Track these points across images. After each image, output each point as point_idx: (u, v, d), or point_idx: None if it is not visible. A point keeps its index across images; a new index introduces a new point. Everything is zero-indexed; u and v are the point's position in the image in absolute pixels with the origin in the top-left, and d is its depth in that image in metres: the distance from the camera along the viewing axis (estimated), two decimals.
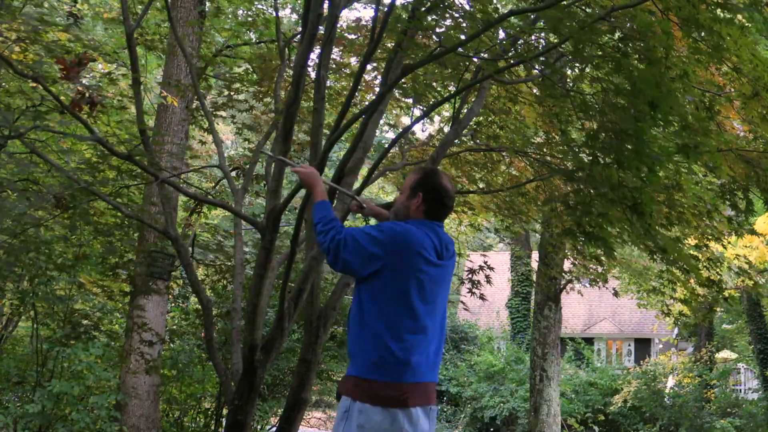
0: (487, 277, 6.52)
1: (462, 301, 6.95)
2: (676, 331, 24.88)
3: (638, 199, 3.42)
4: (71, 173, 5.17)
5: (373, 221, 3.23)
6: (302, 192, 3.99)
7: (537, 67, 4.24)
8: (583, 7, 3.64)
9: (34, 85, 5.06)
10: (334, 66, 6.24)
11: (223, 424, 4.35)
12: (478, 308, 18.42)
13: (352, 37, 6.28)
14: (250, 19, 8.52)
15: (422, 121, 7.02)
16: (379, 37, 3.66)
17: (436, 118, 8.89)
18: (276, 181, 4.41)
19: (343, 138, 6.84)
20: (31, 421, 5.89)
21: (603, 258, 5.88)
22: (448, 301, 2.90)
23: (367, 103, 7.13)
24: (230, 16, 9.82)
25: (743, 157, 5.15)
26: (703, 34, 3.26)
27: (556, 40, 3.61)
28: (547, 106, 5.07)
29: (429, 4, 3.90)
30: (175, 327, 9.06)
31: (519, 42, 4.27)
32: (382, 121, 6.43)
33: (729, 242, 7.31)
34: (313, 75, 5.15)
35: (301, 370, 4.24)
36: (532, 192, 6.46)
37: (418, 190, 2.84)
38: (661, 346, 27.53)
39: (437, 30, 3.99)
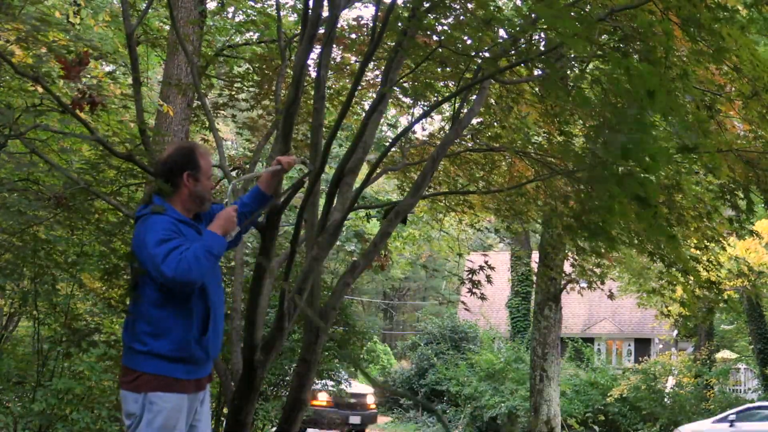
0: (487, 276, 6.52)
1: (462, 302, 6.95)
2: (675, 331, 24.90)
3: (642, 192, 3.40)
4: (71, 173, 5.16)
5: None
6: (302, 192, 3.99)
7: (538, 65, 4.23)
8: (584, 8, 3.64)
9: (34, 86, 5.04)
10: (334, 64, 6.23)
11: (223, 424, 4.35)
12: (477, 308, 18.41)
13: (353, 36, 6.27)
14: (251, 18, 8.52)
15: (422, 120, 7.02)
16: (380, 36, 3.65)
17: (437, 117, 8.89)
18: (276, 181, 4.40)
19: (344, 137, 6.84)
20: (31, 421, 5.88)
21: (603, 253, 5.86)
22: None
23: (366, 102, 7.14)
24: (236, 7, 9.77)
25: (743, 157, 5.15)
26: (703, 34, 3.26)
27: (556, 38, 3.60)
28: (548, 104, 5.06)
29: (429, 3, 3.89)
30: None
31: (520, 42, 4.26)
32: (381, 120, 6.42)
33: (729, 244, 7.30)
34: (313, 75, 5.14)
35: (301, 370, 4.24)
36: (533, 192, 6.45)
37: None
38: (661, 346, 27.53)
39: (438, 28, 3.98)
